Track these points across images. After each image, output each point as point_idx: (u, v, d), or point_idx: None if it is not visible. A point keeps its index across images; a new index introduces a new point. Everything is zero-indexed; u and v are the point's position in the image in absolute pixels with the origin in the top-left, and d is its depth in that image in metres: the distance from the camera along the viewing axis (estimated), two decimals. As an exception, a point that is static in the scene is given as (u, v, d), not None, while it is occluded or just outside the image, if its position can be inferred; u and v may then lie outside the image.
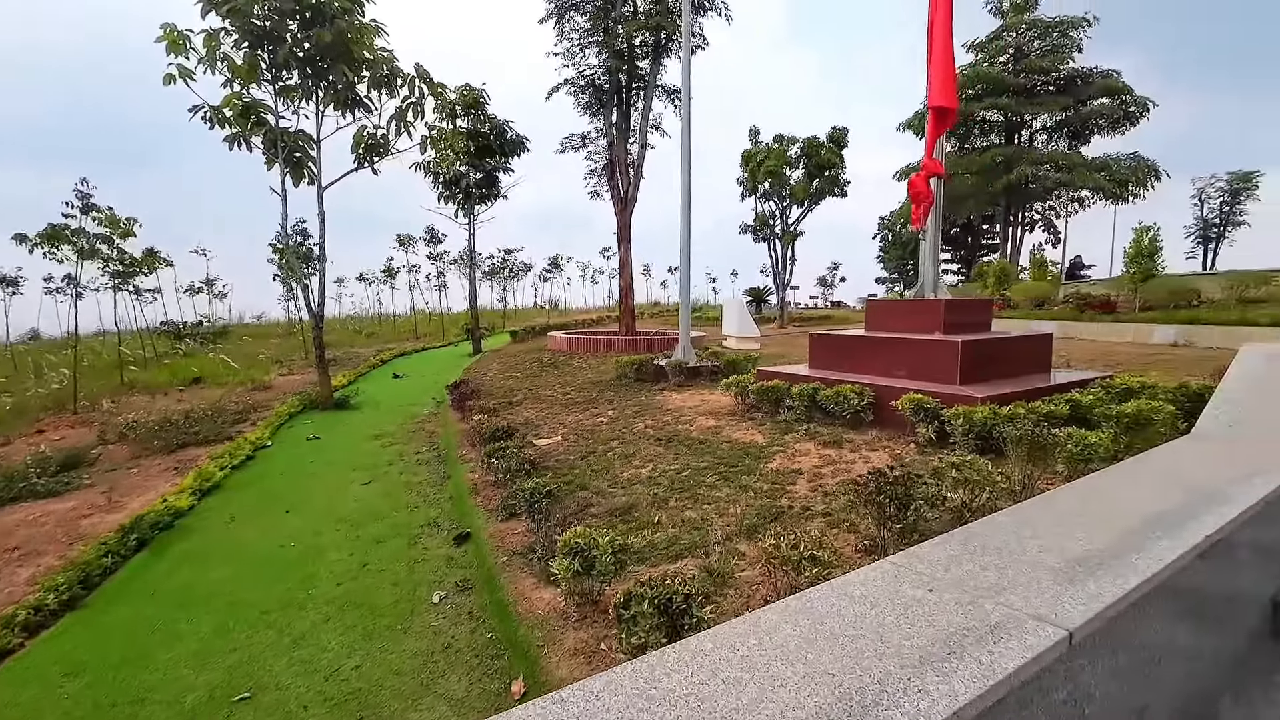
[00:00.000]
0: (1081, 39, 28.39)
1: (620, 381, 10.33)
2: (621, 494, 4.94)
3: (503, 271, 60.19)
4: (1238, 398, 4.38)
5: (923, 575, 2.11)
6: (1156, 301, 15.08)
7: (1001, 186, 27.10)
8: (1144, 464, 3.51)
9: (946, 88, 6.32)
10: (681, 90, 11.49)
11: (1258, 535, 3.10)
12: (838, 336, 7.19)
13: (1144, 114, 28.29)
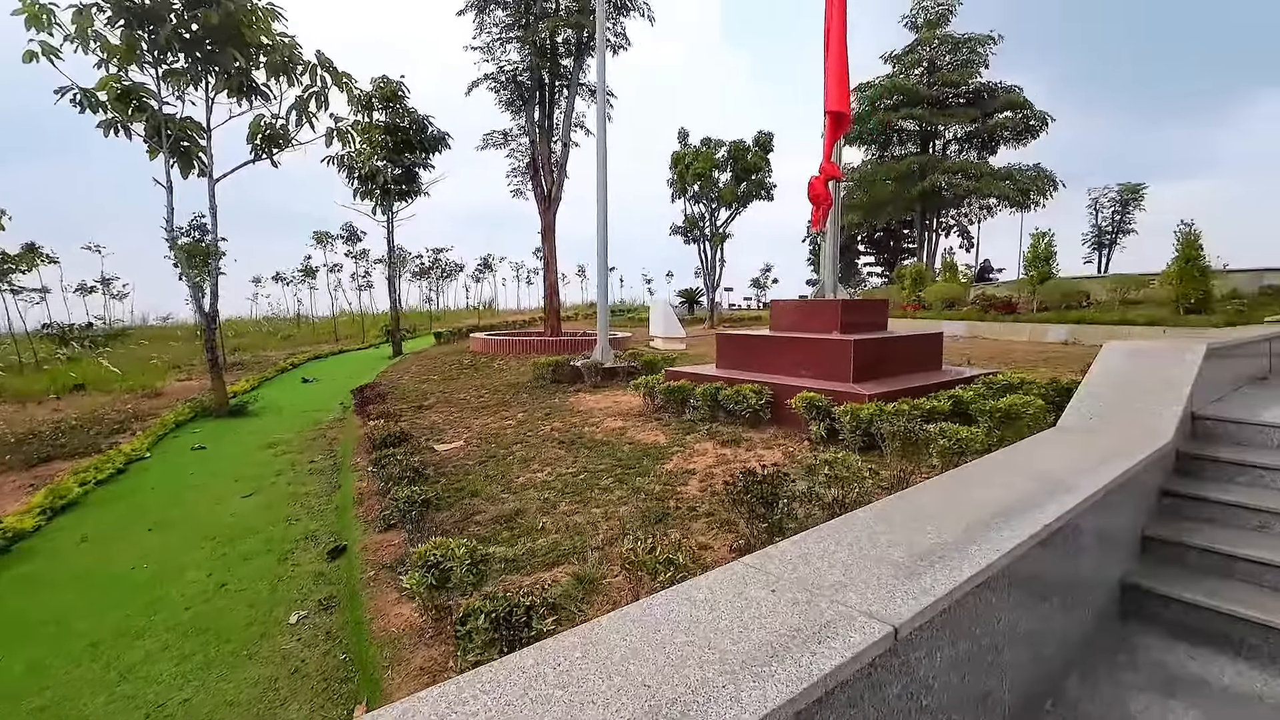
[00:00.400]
0: (988, 55, 30.24)
1: (536, 384, 10.13)
2: (513, 499, 4.78)
3: (434, 271, 58.51)
4: (1098, 391, 4.64)
5: (771, 575, 2.08)
6: (1052, 303, 16.13)
7: (917, 193, 28.49)
8: (1008, 456, 3.65)
9: (841, 93, 6.49)
10: (597, 90, 11.40)
11: (1104, 521, 3.26)
12: (744, 336, 7.29)
13: (1043, 127, 30.41)
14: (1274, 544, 3.53)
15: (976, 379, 6.18)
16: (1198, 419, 4.61)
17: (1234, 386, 5.82)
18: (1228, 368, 5.67)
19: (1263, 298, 13.41)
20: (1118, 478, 3.29)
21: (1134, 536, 3.74)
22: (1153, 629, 3.41)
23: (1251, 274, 14.96)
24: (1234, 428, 4.48)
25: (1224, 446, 4.38)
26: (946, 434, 4.10)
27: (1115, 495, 3.36)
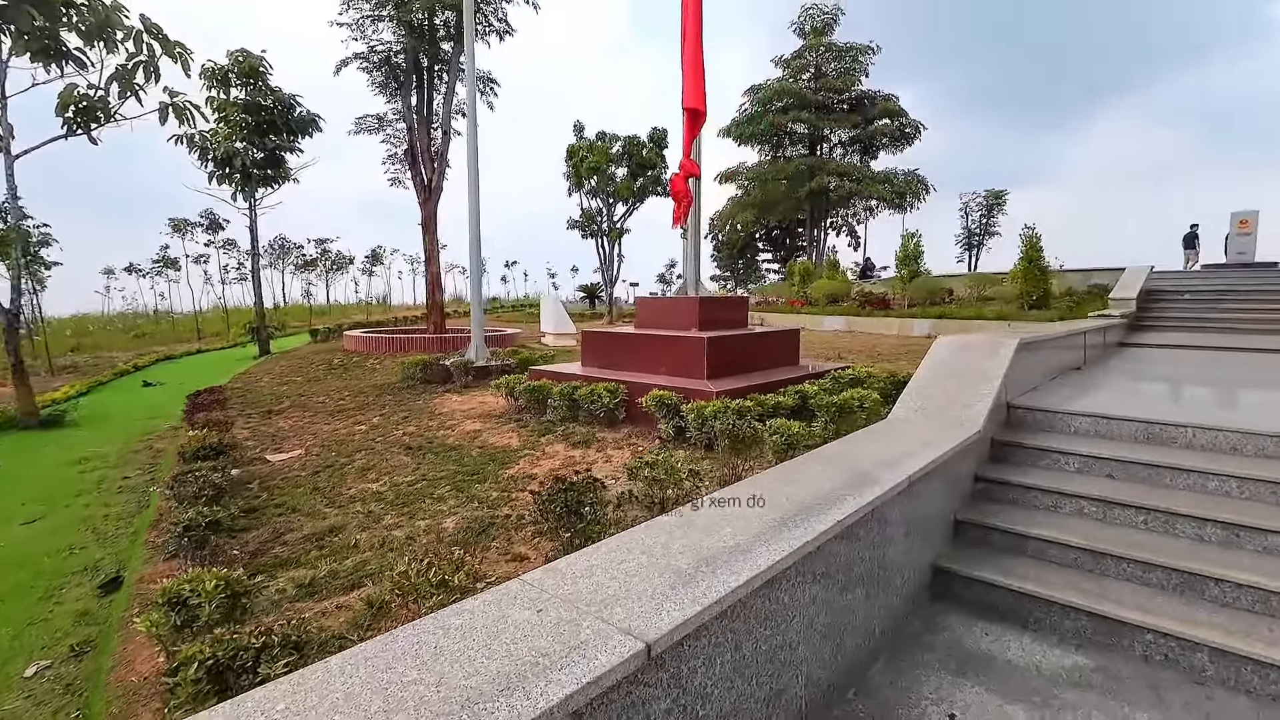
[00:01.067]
0: (868, 64, 32.16)
1: (404, 385, 9.54)
2: (335, 514, 4.36)
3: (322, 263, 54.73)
4: (925, 384, 4.86)
5: (545, 593, 1.90)
6: (920, 299, 17.29)
7: (806, 193, 29.85)
8: (832, 450, 3.68)
9: (697, 90, 6.48)
10: (467, 75, 10.88)
11: (914, 509, 3.35)
12: (608, 334, 7.18)
13: (917, 135, 32.77)
14: (1061, 522, 3.80)
15: (828, 373, 6.41)
16: (1013, 408, 4.94)
17: (1051, 376, 6.36)
18: (1044, 359, 6.17)
19: (1090, 295, 15.00)
20: (924, 467, 3.40)
21: (947, 521, 3.91)
22: (957, 609, 3.56)
23: (1083, 274, 16.72)
24: (1040, 415, 4.83)
25: (1030, 433, 4.71)
26: (780, 430, 4.14)
27: (924, 484, 3.47)
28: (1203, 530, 3.52)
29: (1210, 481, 3.80)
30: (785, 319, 20.31)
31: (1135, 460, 4.04)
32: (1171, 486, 3.90)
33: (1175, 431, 4.25)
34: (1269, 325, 12.00)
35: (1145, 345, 10.57)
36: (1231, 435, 4.04)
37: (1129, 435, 4.42)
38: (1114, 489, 3.91)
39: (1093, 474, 4.20)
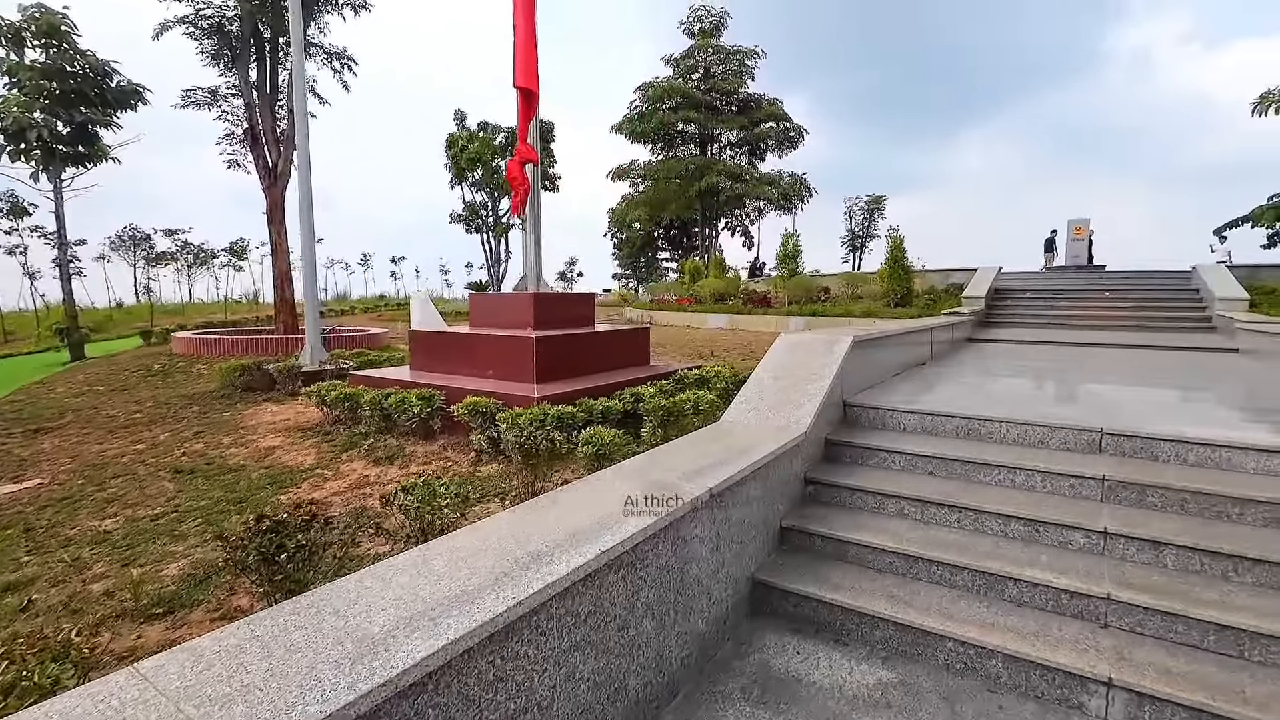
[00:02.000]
0: (755, 68, 33.15)
1: (222, 392, 8.35)
2: (32, 564, 3.46)
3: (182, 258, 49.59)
4: (760, 384, 4.63)
5: (148, 691, 1.34)
6: (799, 297, 17.78)
7: (696, 192, 30.26)
8: (643, 461, 3.31)
9: (528, 69, 5.99)
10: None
11: (726, 519, 3.05)
12: (437, 335, 6.52)
13: (801, 139, 34.24)
14: (882, 525, 3.65)
15: (675, 373, 6.13)
16: (849, 406, 4.83)
17: (895, 372, 6.43)
18: (886, 356, 6.22)
19: (949, 293, 16.01)
20: (731, 477, 3.09)
21: (771, 530, 3.66)
22: (774, 626, 3.29)
23: (943, 273, 17.88)
24: (874, 413, 4.74)
25: (863, 431, 4.60)
26: (592, 440, 3.74)
27: (736, 492, 3.16)
28: (1007, 527, 3.46)
29: (1018, 476, 3.78)
30: (673, 317, 20.33)
31: (953, 457, 3.99)
32: (984, 483, 3.87)
33: (992, 426, 4.26)
34: (1092, 321, 13.26)
35: (990, 340, 11.29)
36: (1039, 429, 4.09)
37: (952, 431, 4.40)
38: (934, 487, 3.82)
39: (916, 472, 4.12)
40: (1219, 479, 3.37)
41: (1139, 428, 3.83)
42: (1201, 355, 8.76)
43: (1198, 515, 3.29)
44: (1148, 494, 3.41)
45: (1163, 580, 2.91)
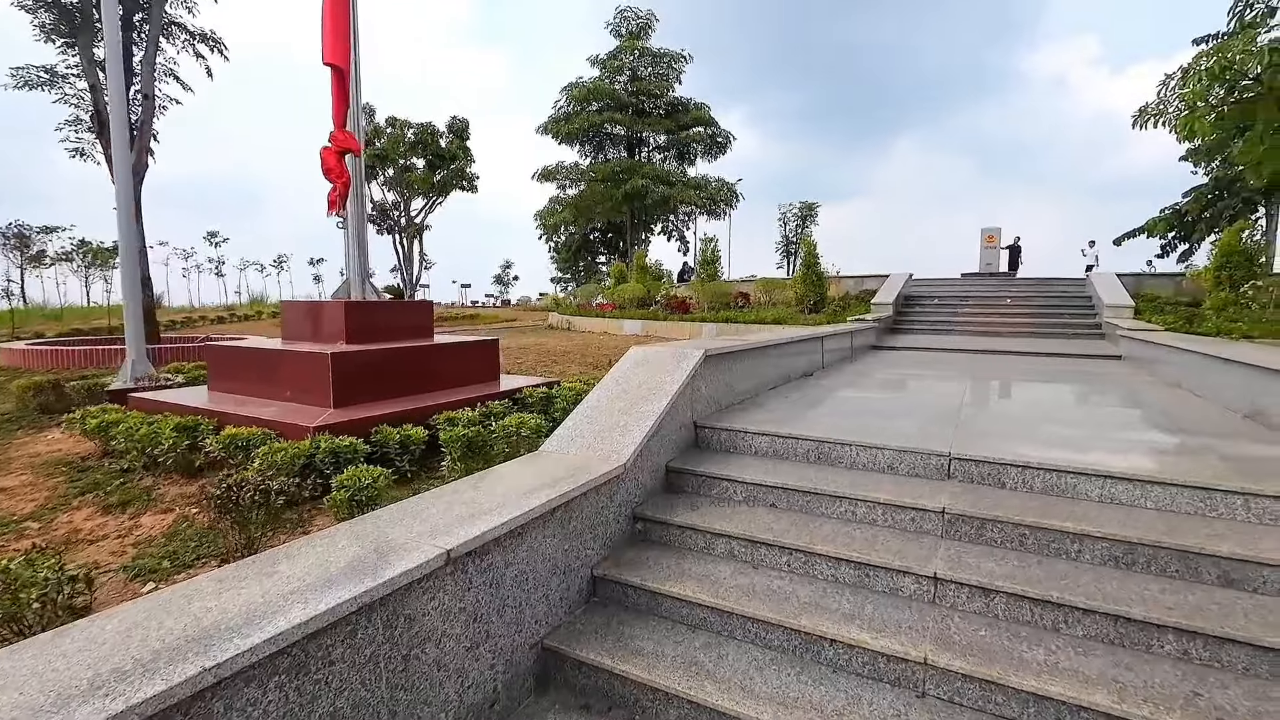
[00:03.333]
0: (682, 71, 33.16)
1: (17, 414, 7.19)
2: None
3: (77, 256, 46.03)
4: (594, 405, 4.14)
5: None
6: (717, 303, 17.56)
7: (622, 195, 29.89)
8: (406, 507, 2.74)
9: (338, 43, 5.28)
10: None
11: (488, 581, 2.50)
12: (234, 351, 5.66)
13: (729, 145, 34.48)
14: (706, 570, 3.20)
15: (520, 392, 5.55)
16: (701, 428, 4.41)
17: (774, 385, 6.10)
18: (765, 367, 5.87)
19: (860, 299, 16.13)
20: (507, 524, 2.57)
21: (579, 580, 3.16)
22: (560, 704, 2.76)
23: (857, 279, 18.08)
24: (726, 435, 4.33)
25: (711, 457, 4.17)
26: (349, 483, 3.13)
27: (507, 548, 2.65)
28: (838, 570, 3.08)
29: (859, 508, 3.42)
30: (593, 323, 19.79)
31: (795, 487, 3.60)
32: (826, 516, 3.50)
33: (841, 450, 3.91)
34: (991, 328, 13.56)
35: (892, 348, 11.28)
36: (888, 453, 3.76)
37: (802, 455, 4.04)
38: (768, 523, 3.42)
39: (758, 504, 3.71)
40: (1058, 509, 3.09)
41: (986, 451, 3.54)
42: (1086, 362, 8.91)
43: (1036, 552, 2.99)
44: (987, 529, 3.09)
45: (988, 637, 2.56)
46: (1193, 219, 30.14)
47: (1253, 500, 2.94)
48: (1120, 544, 2.82)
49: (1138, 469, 3.19)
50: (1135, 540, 2.79)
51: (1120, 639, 2.49)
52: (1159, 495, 3.11)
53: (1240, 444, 3.76)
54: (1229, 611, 2.43)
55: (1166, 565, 2.75)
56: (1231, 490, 2.97)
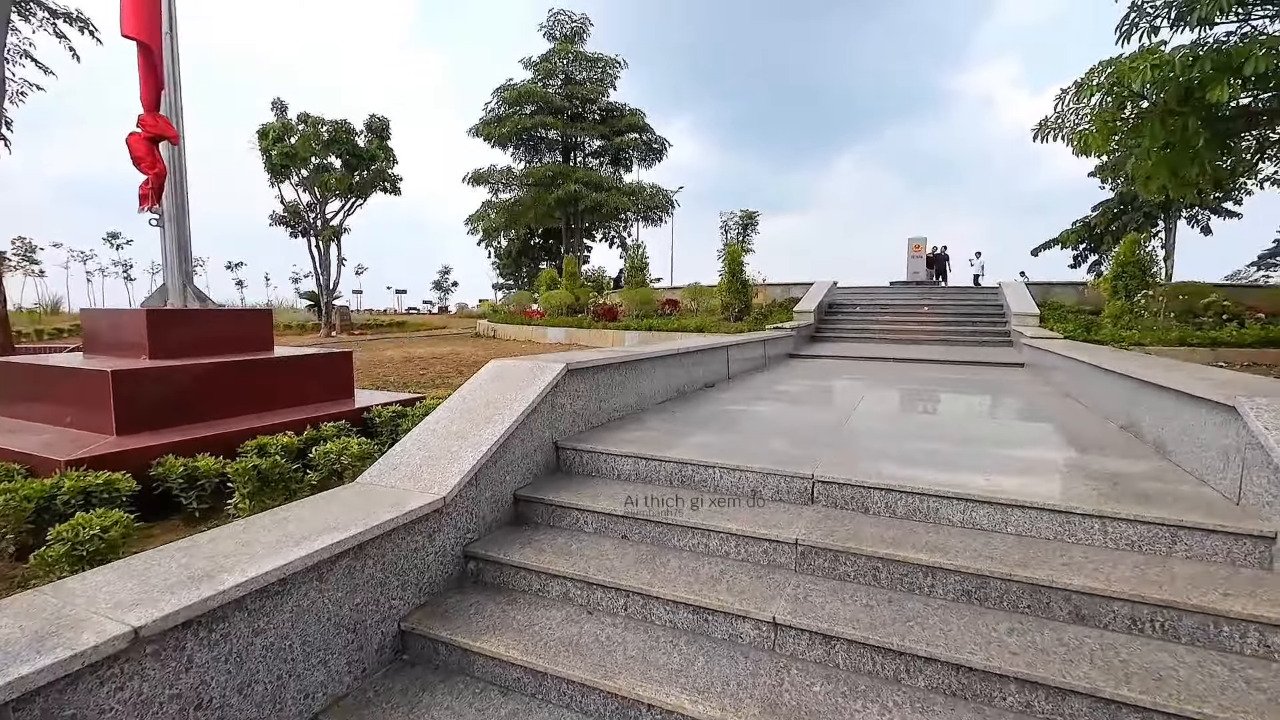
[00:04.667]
0: (616, 77, 32.97)
1: None
2: None
3: None
4: (432, 426, 3.70)
5: None
6: (642, 310, 17.29)
7: (554, 200, 29.38)
8: (98, 576, 2.23)
9: (139, 14, 4.59)
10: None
11: (243, 645, 2.01)
12: (15, 367, 4.82)
13: (665, 151, 34.49)
14: (532, 619, 2.78)
15: (371, 409, 5.03)
16: (564, 449, 4.03)
17: (666, 398, 5.79)
18: (654, 380, 5.55)
19: (784, 306, 16.18)
20: (249, 582, 2.12)
21: (378, 638, 2.70)
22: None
23: (783, 286, 18.19)
24: (589, 457, 3.96)
25: (569, 482, 3.80)
26: (65, 534, 2.55)
27: (282, 599, 2.20)
28: (675, 615, 2.75)
29: (713, 540, 3.11)
30: (518, 330, 19.21)
31: (649, 517, 3.26)
32: (678, 548, 3.18)
33: (705, 473, 3.60)
34: (908, 336, 13.78)
35: (810, 356, 11.24)
36: (752, 475, 3.47)
37: (665, 478, 3.71)
38: (615, 559, 3.07)
39: (609, 536, 3.36)
40: (917, 537, 2.85)
41: (852, 472, 3.30)
42: (990, 371, 9.03)
43: (889, 587, 2.73)
44: (841, 562, 2.82)
45: (822, 694, 2.27)
46: (1100, 231, 32.05)
47: (1109, 524, 2.77)
48: (973, 578, 2.60)
49: (999, 491, 2.99)
50: (988, 573, 2.57)
51: (961, 690, 2.24)
52: (1019, 520, 2.92)
53: (1110, 459, 3.66)
54: (1075, 655, 2.22)
55: (1019, 600, 2.53)
56: (1089, 514, 2.80)
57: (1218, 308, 11.59)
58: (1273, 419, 2.66)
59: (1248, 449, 2.78)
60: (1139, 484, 3.14)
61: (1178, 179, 10.85)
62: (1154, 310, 11.65)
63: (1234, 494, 2.87)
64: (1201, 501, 2.87)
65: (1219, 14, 8.50)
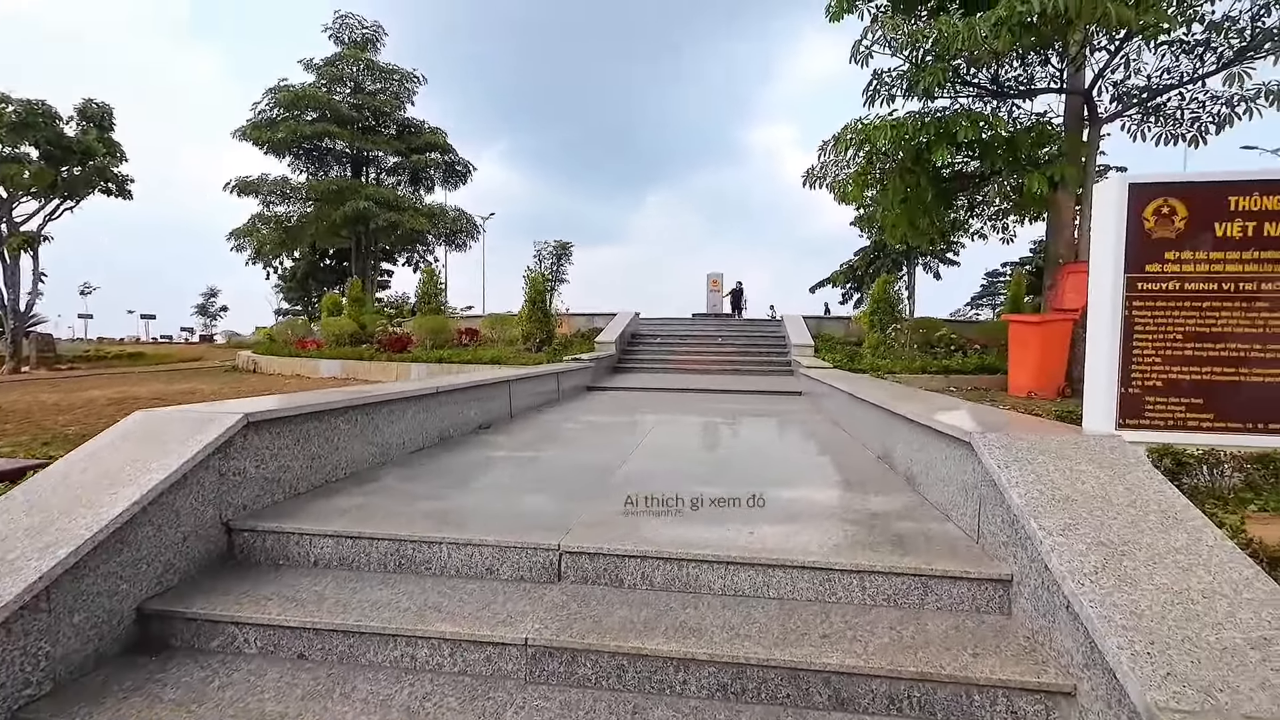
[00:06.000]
0: (414, 92, 31.14)
1: None
2: None
3: None
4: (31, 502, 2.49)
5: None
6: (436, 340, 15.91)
7: (342, 217, 26.56)
8: None
9: None
10: None
11: None
12: None
13: (469, 174, 33.21)
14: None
15: None
16: (238, 531, 3.00)
17: (418, 447, 4.89)
18: (402, 424, 4.67)
19: (585, 337, 15.92)
20: None
21: None
22: None
23: (587, 316, 18.05)
24: (275, 539, 2.97)
25: (237, 579, 2.80)
26: None
27: None
28: (344, 783, 1.92)
29: (420, 650, 2.37)
30: (288, 364, 16.60)
31: (333, 625, 2.41)
32: (372, 666, 2.40)
33: (429, 551, 2.85)
34: (702, 366, 14.24)
35: (607, 388, 10.95)
36: (488, 550, 2.80)
37: (379, 561, 2.89)
38: (272, 699, 2.16)
39: (279, 659, 2.45)
40: (672, 616, 2.39)
41: (605, 539, 2.78)
42: (773, 400, 9.41)
43: (636, 689, 2.21)
44: (580, 663, 2.25)
45: None
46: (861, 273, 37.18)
47: (866, 579, 2.55)
48: (730, 667, 2.17)
49: (762, 550, 2.66)
50: (745, 660, 2.16)
51: (708, 839, 1.74)
52: (781, 582, 2.60)
53: (870, 496, 3.59)
54: (832, 763, 1.84)
55: (777, 690, 2.15)
56: (847, 569, 2.56)
57: (947, 339, 13.61)
58: (1004, 454, 2.64)
59: (983, 485, 2.75)
60: (894, 524, 3.04)
61: (915, 229, 12.60)
62: (902, 342, 13.32)
63: (974, 532, 2.84)
64: (947, 542, 2.79)
65: (937, 88, 10.00)
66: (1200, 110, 10.85)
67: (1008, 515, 2.50)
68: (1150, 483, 2.46)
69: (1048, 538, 2.17)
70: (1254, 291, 4.74)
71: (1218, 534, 2.18)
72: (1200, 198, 4.79)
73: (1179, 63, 10.23)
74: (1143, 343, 4.90)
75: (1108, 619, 1.83)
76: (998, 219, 15.31)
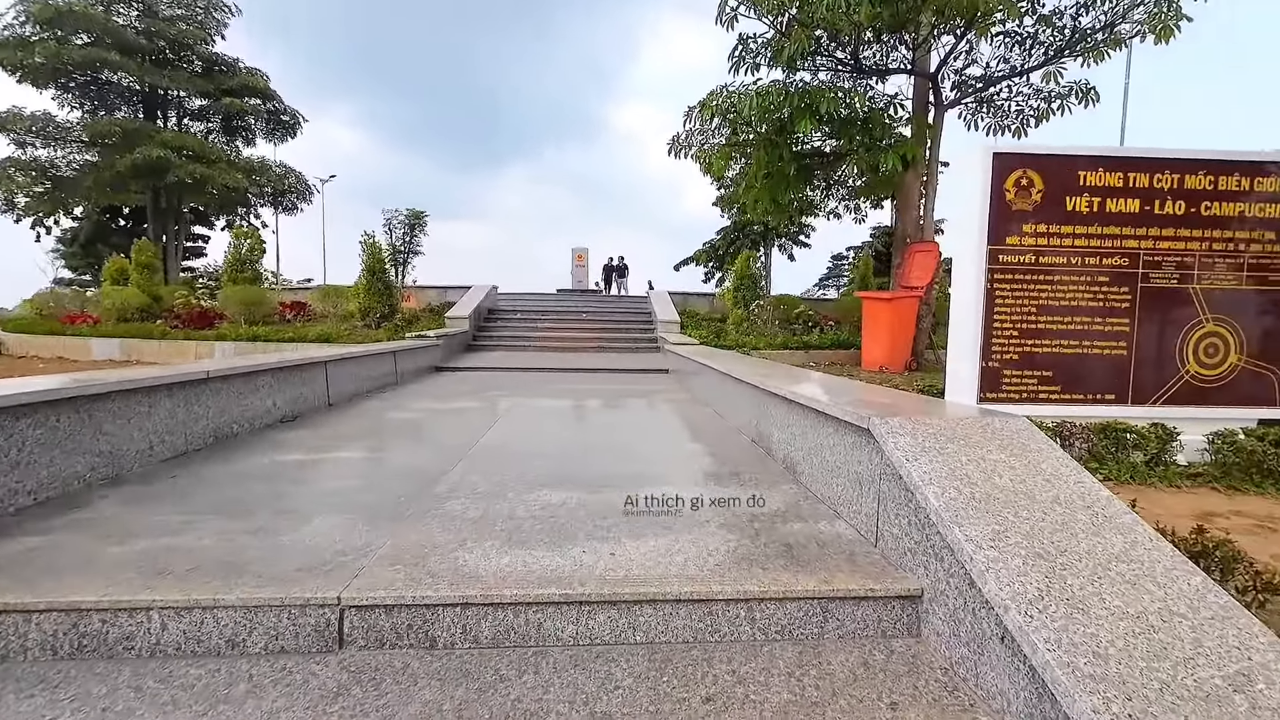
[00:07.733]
0: (224, 23, 26.76)
1: None
2: None
3: None
4: None
5: None
6: (251, 315, 13.68)
7: (130, 167, 22.25)
8: None
9: None
10: None
11: None
12: None
13: (298, 126, 29.33)
14: None
15: None
16: None
17: (182, 450, 3.77)
18: (142, 423, 3.51)
19: (441, 310, 14.58)
20: None
21: None
22: None
23: (439, 290, 16.61)
24: None
25: None
26: None
27: None
28: None
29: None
30: (46, 342, 13.46)
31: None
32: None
33: (131, 623, 1.92)
34: (566, 344, 13.52)
35: (458, 368, 9.91)
36: (225, 615, 1.92)
37: (40, 645, 1.91)
38: None
39: None
40: (500, 692, 1.69)
41: (411, 581, 2.01)
42: (639, 380, 8.94)
43: (442, 822, 1.47)
44: (353, 792, 1.47)
45: None
46: (722, 252, 38.22)
47: (755, 608, 2.02)
48: (579, 769, 1.52)
49: (623, 577, 2.05)
50: (601, 755, 1.51)
51: None
52: (651, 622, 2.00)
53: (746, 489, 3.12)
54: None
55: (646, 793, 1.53)
56: (732, 598, 2.02)
57: (805, 315, 14.01)
58: (910, 444, 2.22)
59: (883, 479, 2.34)
60: (780, 527, 2.57)
61: (777, 205, 12.68)
62: (765, 318, 13.48)
63: (871, 534, 2.43)
64: (842, 548, 2.35)
65: (800, 59, 9.93)
66: (1024, 104, 11.82)
67: (916, 518, 2.09)
68: (1067, 471, 2.16)
69: (978, 551, 1.75)
70: (1096, 266, 4.92)
71: (1150, 532, 1.88)
72: (1054, 170, 4.86)
73: (1011, 55, 11.00)
74: (1002, 315, 4.92)
75: (1070, 666, 1.40)
76: (850, 199, 15.98)
